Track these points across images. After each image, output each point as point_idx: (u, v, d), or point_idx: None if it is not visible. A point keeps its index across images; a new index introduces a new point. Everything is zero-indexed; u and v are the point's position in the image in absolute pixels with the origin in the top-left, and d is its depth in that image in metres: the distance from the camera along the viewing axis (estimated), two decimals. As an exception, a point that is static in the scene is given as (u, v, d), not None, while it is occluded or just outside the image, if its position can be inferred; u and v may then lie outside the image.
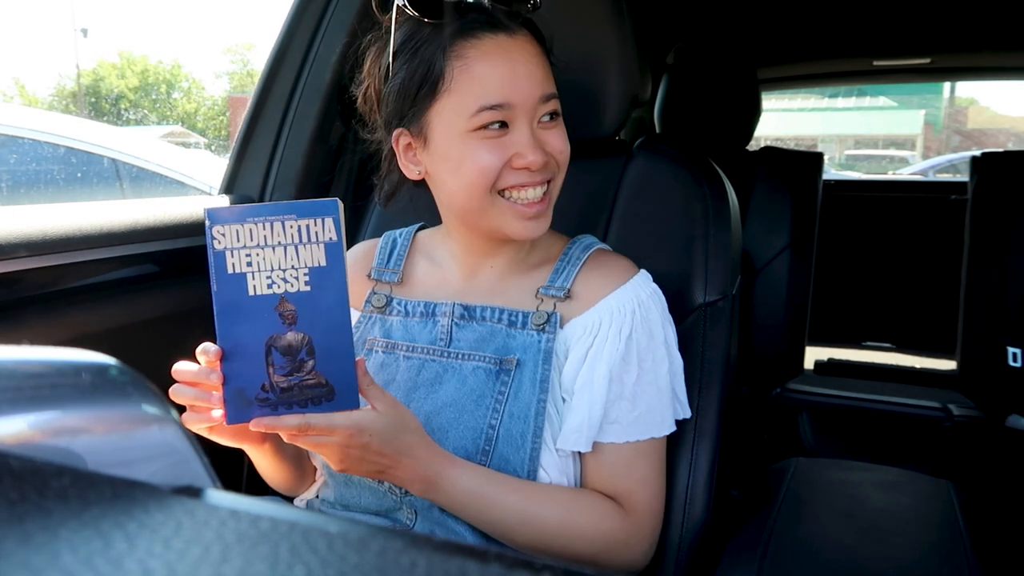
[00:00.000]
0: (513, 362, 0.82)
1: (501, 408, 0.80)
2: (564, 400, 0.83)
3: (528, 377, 0.81)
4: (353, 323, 0.89)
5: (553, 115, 0.80)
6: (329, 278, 0.66)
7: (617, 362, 0.81)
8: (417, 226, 0.99)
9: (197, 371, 0.68)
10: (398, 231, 0.99)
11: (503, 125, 0.77)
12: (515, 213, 0.79)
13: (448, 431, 0.80)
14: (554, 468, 0.81)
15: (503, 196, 0.79)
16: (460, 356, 0.84)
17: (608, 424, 0.81)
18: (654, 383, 0.84)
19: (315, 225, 0.66)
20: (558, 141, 0.80)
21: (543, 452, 0.80)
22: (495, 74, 0.76)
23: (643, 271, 0.88)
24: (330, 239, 0.66)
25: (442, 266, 0.92)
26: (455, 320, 0.86)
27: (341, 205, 0.66)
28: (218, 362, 0.67)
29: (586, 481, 0.84)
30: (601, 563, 0.81)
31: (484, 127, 0.76)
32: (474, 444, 0.79)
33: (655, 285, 0.87)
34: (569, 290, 0.85)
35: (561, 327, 0.84)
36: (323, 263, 0.66)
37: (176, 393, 0.69)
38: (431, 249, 0.95)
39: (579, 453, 0.83)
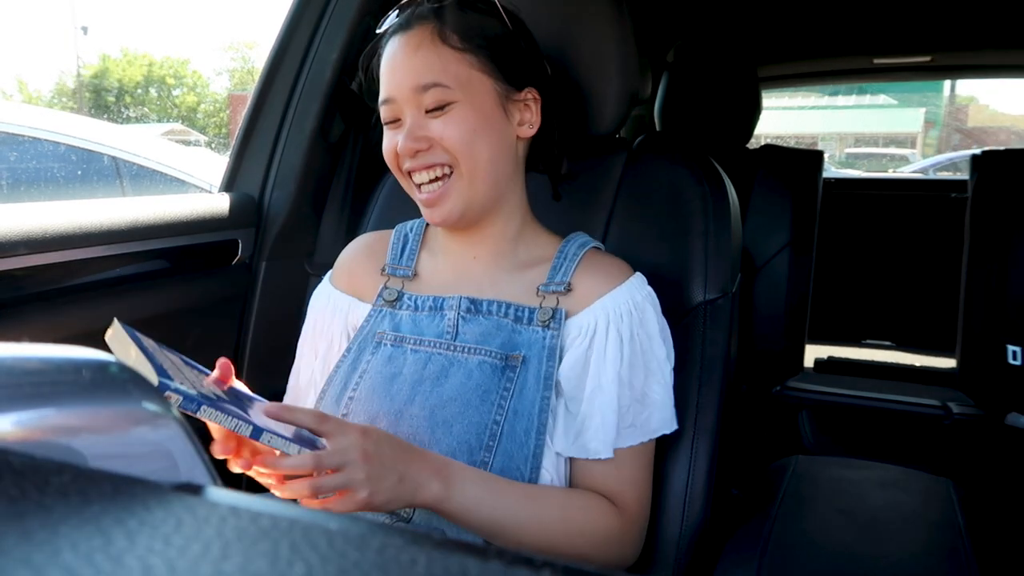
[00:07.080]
0: (519, 359, 0.82)
1: (506, 405, 0.80)
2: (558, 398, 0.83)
3: (533, 374, 0.81)
4: (363, 316, 0.92)
5: (444, 105, 0.80)
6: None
7: (625, 367, 0.81)
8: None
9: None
10: (409, 224, 0.99)
11: (396, 120, 0.83)
12: (419, 198, 0.85)
13: (453, 425, 0.80)
14: (551, 467, 0.81)
15: (412, 177, 0.84)
16: (466, 350, 0.84)
17: (625, 429, 0.81)
18: (661, 381, 0.84)
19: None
20: (440, 127, 0.81)
21: (544, 450, 0.80)
22: (384, 73, 0.84)
23: (638, 273, 0.88)
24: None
25: (439, 256, 0.93)
26: (461, 314, 0.86)
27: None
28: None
29: (575, 481, 0.84)
30: (597, 560, 0.81)
31: (387, 122, 0.85)
32: (478, 439, 0.79)
33: (650, 288, 0.87)
34: (569, 283, 0.86)
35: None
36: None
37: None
38: (432, 240, 0.95)
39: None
